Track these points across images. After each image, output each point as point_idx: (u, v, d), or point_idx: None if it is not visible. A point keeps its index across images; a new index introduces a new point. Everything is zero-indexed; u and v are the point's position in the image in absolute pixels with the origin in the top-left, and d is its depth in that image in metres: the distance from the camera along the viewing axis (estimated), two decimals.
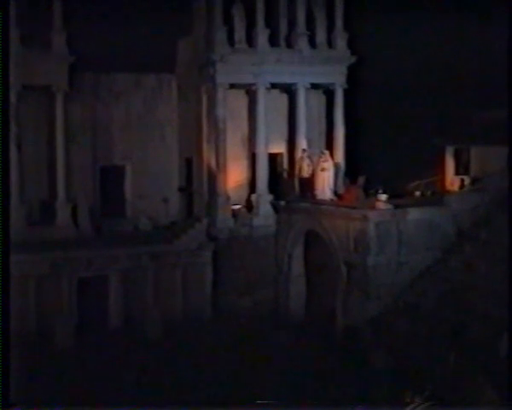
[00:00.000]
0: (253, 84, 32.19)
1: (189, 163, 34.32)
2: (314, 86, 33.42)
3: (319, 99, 34.60)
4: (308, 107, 33.27)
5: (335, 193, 31.31)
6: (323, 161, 31.13)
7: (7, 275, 16.33)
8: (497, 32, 28.08)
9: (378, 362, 23.66)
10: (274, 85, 32.70)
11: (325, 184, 30.83)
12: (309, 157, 32.16)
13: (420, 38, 33.50)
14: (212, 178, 32.17)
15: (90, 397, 22.19)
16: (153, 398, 22.45)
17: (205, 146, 32.71)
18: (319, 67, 32.93)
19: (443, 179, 33.02)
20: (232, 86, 32.03)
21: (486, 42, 31.60)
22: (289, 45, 33.03)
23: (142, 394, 22.73)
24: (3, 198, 16.53)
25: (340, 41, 33.35)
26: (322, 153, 31.64)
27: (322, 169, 30.90)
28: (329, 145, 33.23)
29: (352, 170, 32.68)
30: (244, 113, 33.59)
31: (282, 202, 31.73)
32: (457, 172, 32.75)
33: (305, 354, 25.97)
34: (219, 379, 23.90)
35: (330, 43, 33.44)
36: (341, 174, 32.85)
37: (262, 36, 32.03)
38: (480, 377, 20.25)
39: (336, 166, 32.34)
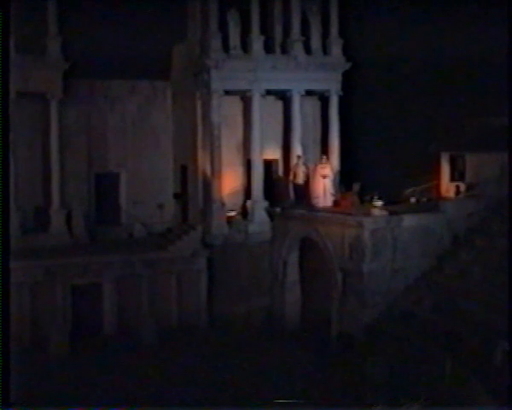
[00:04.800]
0: (248, 91, 32.22)
1: (183, 170, 34.35)
2: (309, 93, 33.48)
3: (314, 106, 34.63)
4: (303, 113, 33.31)
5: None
6: (322, 168, 31.11)
7: (7, 274, 16.45)
8: (495, 37, 28.17)
9: (373, 369, 23.64)
10: (269, 92, 32.74)
11: (326, 190, 30.80)
12: (304, 164, 32.21)
13: (415, 45, 33.54)
14: (207, 185, 32.21)
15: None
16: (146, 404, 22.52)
17: (200, 153, 32.74)
18: (314, 74, 32.98)
19: (438, 186, 33.03)
20: (227, 93, 32.06)
21: (483, 48, 31.66)
22: (284, 52, 33.08)
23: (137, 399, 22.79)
24: (3, 205, 16.59)
25: (336, 47, 33.39)
26: (322, 158, 31.64)
27: (323, 176, 30.86)
28: (324, 152, 33.21)
29: (347, 177, 32.68)
30: (239, 119, 33.62)
31: (278, 209, 31.76)
32: (453, 179, 32.73)
33: (300, 362, 26.02)
34: (214, 387, 23.93)
35: (325, 50, 33.46)
36: (337, 181, 32.85)
37: (257, 42, 32.08)
38: (476, 385, 20.26)
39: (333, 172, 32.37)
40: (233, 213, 32.33)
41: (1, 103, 16.94)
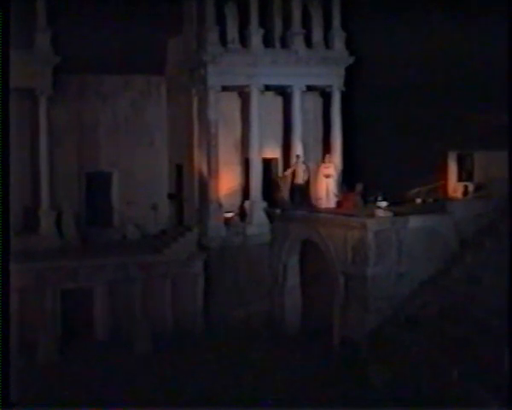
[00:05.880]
0: (247, 87, 32.23)
1: (179, 169, 34.38)
2: (310, 88, 33.48)
3: (315, 102, 34.62)
4: (304, 110, 33.32)
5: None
6: (326, 167, 31.08)
7: (6, 276, 16.53)
8: (501, 31, 28.19)
9: (377, 377, 23.67)
10: (268, 87, 32.76)
11: (329, 190, 30.78)
12: (304, 163, 32.23)
13: (421, 38, 33.53)
14: (204, 185, 32.21)
15: None
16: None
17: (196, 151, 32.76)
18: (316, 69, 32.99)
19: (445, 186, 33.01)
20: (224, 88, 32.05)
21: (491, 40, 31.66)
22: (284, 45, 33.09)
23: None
24: (3, 206, 16.71)
25: (338, 41, 33.40)
26: (325, 157, 31.62)
27: (326, 175, 30.82)
28: (326, 150, 33.25)
29: (349, 176, 32.69)
30: (237, 116, 33.63)
31: (277, 210, 31.77)
32: (460, 179, 32.71)
33: (300, 369, 26.04)
34: (211, 394, 23.97)
35: (327, 44, 33.49)
36: (339, 181, 32.84)
37: (256, 36, 32.08)
38: (485, 394, 20.28)
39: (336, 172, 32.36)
40: (230, 215, 32.34)
41: (1, 105, 17.07)
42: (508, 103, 25.06)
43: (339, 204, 30.71)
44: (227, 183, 32.86)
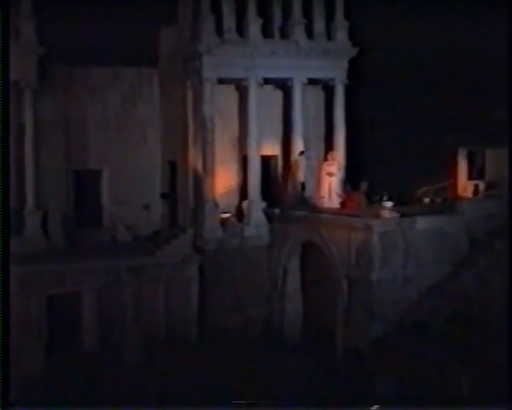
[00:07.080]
0: (244, 79, 32.19)
1: (172, 167, 34.32)
2: (311, 82, 33.43)
3: (317, 96, 34.62)
4: (305, 104, 33.30)
5: None
6: (329, 165, 30.99)
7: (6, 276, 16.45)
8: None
9: (383, 387, 23.59)
10: (267, 81, 32.70)
11: (332, 190, 30.69)
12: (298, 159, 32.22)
13: (429, 28, 33.52)
14: (199, 183, 32.13)
15: None
16: None
17: (190, 148, 32.71)
18: (317, 61, 32.97)
19: (455, 185, 33.10)
20: (221, 81, 32.00)
21: (500, 33, 31.65)
22: (284, 36, 33.06)
23: None
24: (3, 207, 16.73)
25: (341, 31, 33.38)
26: (328, 155, 31.54)
27: (329, 174, 30.73)
28: (329, 147, 33.22)
29: (353, 174, 32.64)
30: (234, 111, 33.58)
31: (277, 210, 31.69)
32: (471, 177, 32.82)
33: (302, 378, 25.98)
34: (206, 404, 23.88)
35: (329, 34, 33.46)
36: (342, 179, 32.75)
37: (254, 25, 32.04)
38: (498, 402, 20.22)
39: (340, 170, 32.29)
40: (227, 215, 32.30)
41: (1, 105, 17.09)
42: (507, 99, 25.09)
43: (342, 204, 30.65)
44: (224, 181, 32.83)
